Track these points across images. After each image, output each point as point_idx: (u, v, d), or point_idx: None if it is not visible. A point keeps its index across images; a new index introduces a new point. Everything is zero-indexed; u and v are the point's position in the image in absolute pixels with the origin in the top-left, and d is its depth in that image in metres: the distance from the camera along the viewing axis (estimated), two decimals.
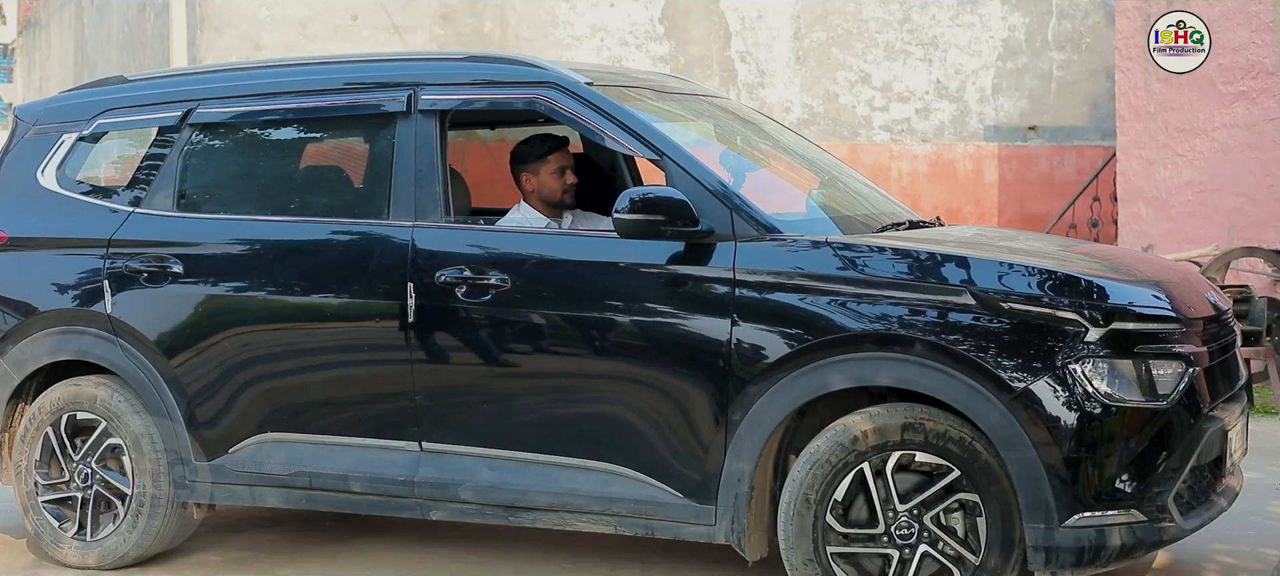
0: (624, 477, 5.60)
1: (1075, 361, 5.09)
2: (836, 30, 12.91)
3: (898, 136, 12.96)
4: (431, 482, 5.86)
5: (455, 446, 5.87)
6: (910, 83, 12.94)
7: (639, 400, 5.58)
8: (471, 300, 5.77)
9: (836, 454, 5.33)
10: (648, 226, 5.47)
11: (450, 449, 5.88)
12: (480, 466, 5.82)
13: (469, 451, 5.85)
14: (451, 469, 5.85)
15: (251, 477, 6.15)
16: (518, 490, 5.75)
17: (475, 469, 5.82)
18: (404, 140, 5.99)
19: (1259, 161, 11.23)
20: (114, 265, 6.37)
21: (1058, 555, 5.13)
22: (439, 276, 5.80)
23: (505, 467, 5.78)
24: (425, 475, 5.87)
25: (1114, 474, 5.12)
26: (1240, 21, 11.22)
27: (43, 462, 6.54)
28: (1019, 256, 5.48)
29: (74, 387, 6.50)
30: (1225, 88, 11.31)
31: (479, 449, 5.84)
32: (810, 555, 5.37)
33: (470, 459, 5.84)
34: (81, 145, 6.72)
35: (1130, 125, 11.74)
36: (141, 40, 13.94)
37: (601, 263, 5.67)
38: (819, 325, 5.33)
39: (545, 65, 6.03)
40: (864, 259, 5.39)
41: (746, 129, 6.81)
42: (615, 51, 12.70)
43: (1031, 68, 12.85)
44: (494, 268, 5.76)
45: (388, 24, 12.35)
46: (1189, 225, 11.48)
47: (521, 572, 6.39)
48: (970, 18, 12.91)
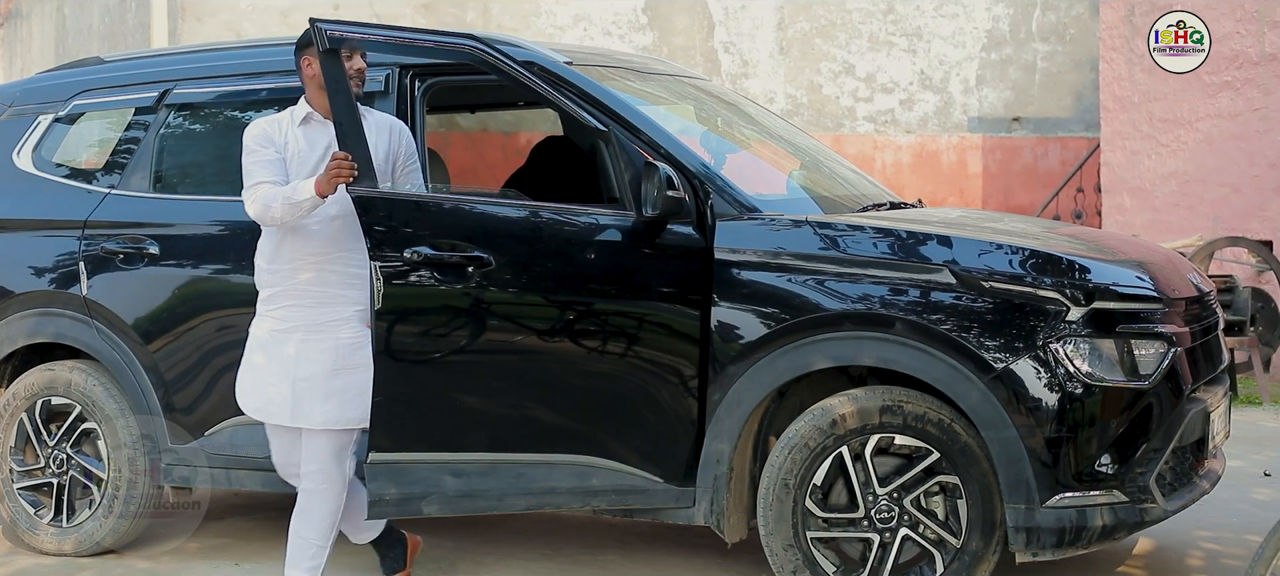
0: (601, 468, 5.51)
1: (1057, 341, 5.07)
2: (820, 21, 12.88)
3: (881, 127, 12.93)
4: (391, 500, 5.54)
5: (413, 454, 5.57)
6: (894, 74, 12.91)
7: (617, 383, 5.50)
8: (438, 281, 5.48)
9: (816, 437, 5.29)
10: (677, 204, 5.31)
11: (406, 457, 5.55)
12: (443, 473, 5.56)
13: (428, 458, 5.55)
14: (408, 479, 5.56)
15: (228, 461, 6.10)
16: (494, 496, 5.59)
17: (438, 476, 5.56)
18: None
19: (1243, 152, 11.21)
20: (90, 247, 6.32)
21: (1039, 536, 5.11)
22: (406, 254, 5.45)
23: (471, 471, 5.55)
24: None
25: (1095, 454, 5.09)
26: (1224, 12, 11.20)
27: (18, 448, 6.50)
28: (1001, 236, 5.45)
29: (49, 372, 6.45)
30: (1210, 78, 11.29)
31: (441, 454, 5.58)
32: (790, 540, 5.34)
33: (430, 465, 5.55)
34: (57, 126, 6.67)
35: (1114, 116, 11.72)
36: (122, 31, 13.88)
37: (576, 241, 5.49)
38: (799, 304, 5.29)
39: (528, 45, 5.97)
40: (845, 238, 5.35)
41: (728, 111, 6.78)
42: (598, 41, 12.65)
43: (1016, 59, 12.83)
44: (465, 245, 5.49)
45: (370, 13, 12.30)
46: (1173, 215, 11.46)
47: (505, 558, 6.35)
48: (954, 9, 12.88)
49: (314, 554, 5.50)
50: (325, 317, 5.38)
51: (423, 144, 5.93)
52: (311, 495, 5.49)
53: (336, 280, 5.40)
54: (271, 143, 5.40)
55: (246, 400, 5.52)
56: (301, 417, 5.38)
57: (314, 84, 5.42)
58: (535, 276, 5.49)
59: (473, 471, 5.55)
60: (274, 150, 5.39)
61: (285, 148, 5.40)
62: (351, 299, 5.42)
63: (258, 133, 5.44)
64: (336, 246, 5.41)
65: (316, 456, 5.43)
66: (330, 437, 5.39)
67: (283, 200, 5.27)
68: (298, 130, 5.44)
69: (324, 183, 5.23)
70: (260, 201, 5.32)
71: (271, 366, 5.41)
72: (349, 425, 5.42)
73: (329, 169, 5.22)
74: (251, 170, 5.40)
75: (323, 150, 5.41)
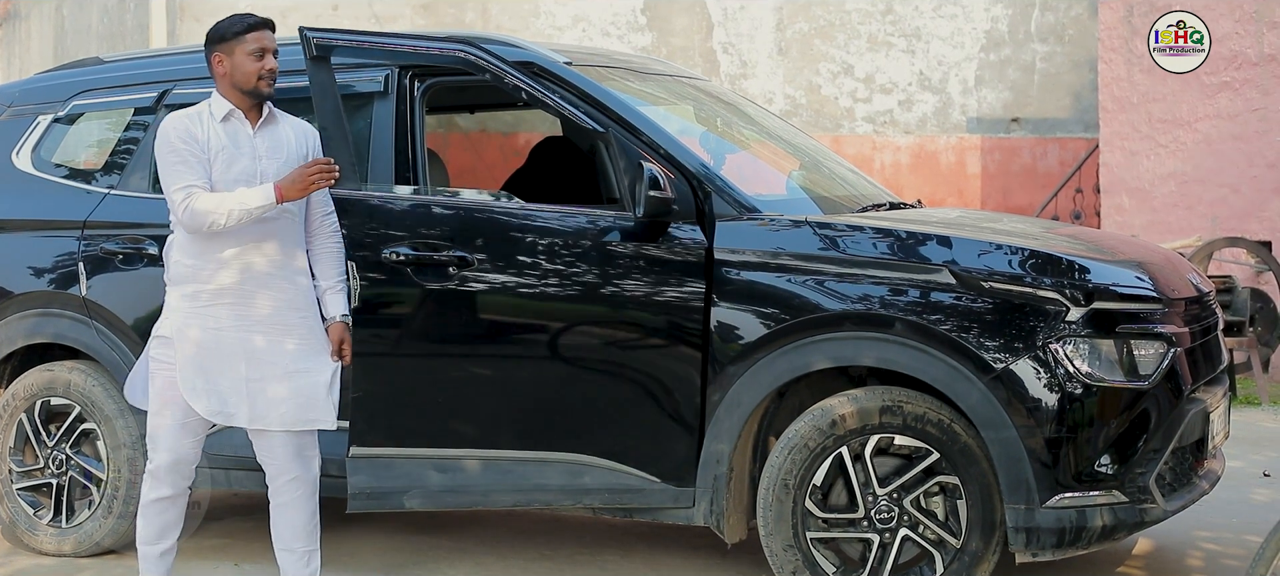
0: (594, 467, 5.51)
1: (1056, 341, 5.07)
2: (819, 21, 12.88)
3: (880, 128, 12.93)
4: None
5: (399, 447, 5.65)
6: (893, 74, 12.91)
7: (614, 383, 5.51)
8: (424, 279, 5.56)
9: (815, 438, 5.29)
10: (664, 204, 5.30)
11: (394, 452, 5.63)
12: (427, 468, 5.61)
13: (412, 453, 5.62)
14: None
15: (228, 461, 6.08)
16: (480, 491, 5.61)
17: (422, 471, 5.61)
18: (382, 120, 5.92)
19: (1242, 152, 11.22)
20: (89, 247, 6.31)
21: (1039, 536, 5.11)
22: (385, 254, 5.54)
23: (456, 466, 5.59)
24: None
25: (1095, 454, 5.09)
26: (1223, 12, 11.20)
27: (17, 449, 6.49)
28: (1001, 237, 5.45)
29: (48, 373, 6.44)
30: (1209, 79, 11.30)
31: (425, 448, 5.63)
32: (790, 541, 5.33)
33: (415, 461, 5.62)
34: (57, 126, 6.67)
35: (1113, 116, 11.73)
36: (121, 31, 13.87)
37: (575, 240, 5.52)
38: (799, 305, 5.29)
39: (526, 45, 5.97)
40: (844, 238, 5.35)
41: (727, 111, 6.78)
42: (597, 42, 12.65)
43: (1014, 59, 12.83)
44: (451, 243, 5.56)
45: (369, 14, 12.30)
46: (1172, 216, 11.47)
47: (504, 558, 6.35)
48: (953, 9, 12.88)
49: (308, 560, 5.33)
50: (272, 316, 5.18)
51: (422, 144, 5.93)
52: (284, 507, 5.27)
53: (282, 278, 5.20)
54: (195, 140, 5.13)
55: (203, 403, 5.15)
56: (258, 419, 5.18)
57: (226, 82, 5.20)
58: (525, 276, 5.52)
59: (458, 466, 5.59)
60: (199, 148, 5.12)
61: (208, 144, 5.14)
62: (295, 301, 5.23)
63: (181, 129, 5.13)
64: (280, 242, 5.21)
65: (278, 459, 5.23)
66: (290, 438, 5.22)
67: (237, 211, 5.02)
68: (219, 126, 5.18)
69: (292, 189, 5.06)
70: (198, 211, 5.03)
71: (221, 367, 5.15)
72: (309, 425, 5.22)
73: (306, 174, 5.07)
74: (177, 170, 5.09)
75: (247, 149, 5.19)
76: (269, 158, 5.19)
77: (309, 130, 5.42)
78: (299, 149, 5.29)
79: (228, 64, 5.20)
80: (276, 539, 5.33)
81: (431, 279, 5.55)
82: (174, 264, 5.21)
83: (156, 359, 5.22)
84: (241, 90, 5.19)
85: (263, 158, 5.18)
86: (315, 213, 5.33)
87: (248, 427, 5.22)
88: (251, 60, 5.18)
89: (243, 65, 5.18)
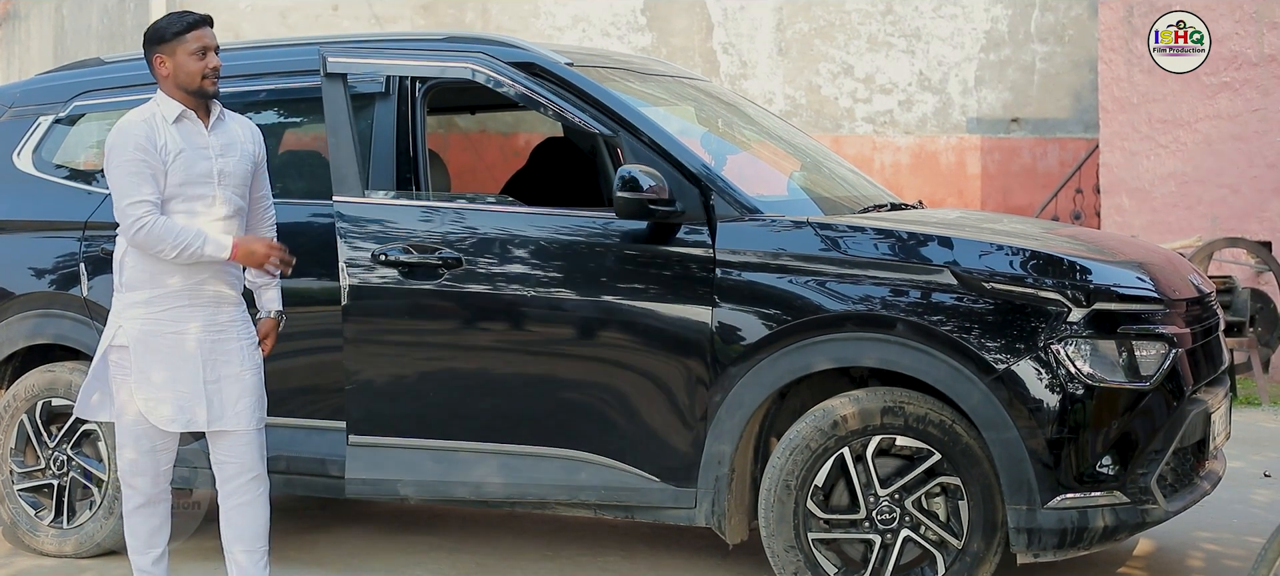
0: (591, 465, 5.53)
1: (1058, 342, 5.07)
2: (819, 22, 12.88)
3: (880, 128, 12.93)
4: None
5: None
6: (893, 74, 12.91)
7: (614, 383, 5.52)
8: (418, 280, 5.67)
9: (817, 438, 5.29)
10: (637, 206, 5.37)
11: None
12: (422, 459, 5.71)
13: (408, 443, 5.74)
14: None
15: None
16: (473, 485, 5.66)
17: (417, 462, 5.71)
18: (383, 121, 5.92)
19: (1242, 152, 11.22)
20: (90, 248, 6.31)
21: (1040, 537, 5.11)
22: (380, 254, 5.70)
23: (451, 459, 5.67)
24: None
25: (1097, 455, 5.09)
26: (1223, 12, 11.20)
27: (18, 450, 6.49)
28: (1001, 237, 5.45)
29: (49, 373, 6.44)
30: (1209, 79, 11.29)
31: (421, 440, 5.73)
32: (792, 542, 5.34)
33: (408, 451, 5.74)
34: (58, 127, 6.66)
35: (1113, 117, 11.73)
36: (121, 32, 13.87)
37: (575, 242, 5.56)
38: (800, 306, 5.29)
39: (526, 45, 5.97)
40: (845, 239, 5.35)
41: (728, 112, 6.78)
42: (597, 42, 12.65)
43: (1014, 60, 12.83)
44: (448, 245, 5.64)
45: (369, 14, 12.29)
46: (1172, 216, 11.47)
47: (506, 558, 6.35)
48: (953, 10, 12.88)
49: (266, 559, 5.25)
50: (223, 317, 5.13)
51: (424, 145, 5.94)
52: (246, 507, 5.19)
53: (226, 279, 5.16)
54: (154, 148, 5.01)
55: (164, 410, 5.07)
56: (217, 420, 5.11)
57: (170, 83, 5.11)
58: (526, 276, 5.56)
59: (452, 458, 5.68)
60: (156, 158, 5.01)
61: (165, 150, 5.04)
62: (241, 300, 5.22)
63: (140, 137, 5.01)
64: None
65: (238, 458, 5.17)
66: (252, 437, 5.17)
67: (191, 251, 4.96)
68: (173, 129, 5.08)
69: (249, 258, 5.06)
70: (156, 235, 4.95)
71: (181, 370, 5.08)
72: (263, 422, 5.20)
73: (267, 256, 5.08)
74: (133, 182, 4.98)
75: (204, 149, 5.10)
76: (225, 156, 5.15)
77: (256, 129, 5.37)
78: (251, 147, 5.26)
79: (170, 65, 5.10)
80: (236, 540, 5.22)
81: (432, 278, 5.63)
82: (129, 269, 5.12)
83: (119, 365, 5.13)
84: (186, 90, 5.10)
85: (220, 156, 5.14)
86: (257, 208, 5.33)
87: (207, 429, 5.16)
88: (194, 60, 5.08)
89: (185, 65, 5.08)
